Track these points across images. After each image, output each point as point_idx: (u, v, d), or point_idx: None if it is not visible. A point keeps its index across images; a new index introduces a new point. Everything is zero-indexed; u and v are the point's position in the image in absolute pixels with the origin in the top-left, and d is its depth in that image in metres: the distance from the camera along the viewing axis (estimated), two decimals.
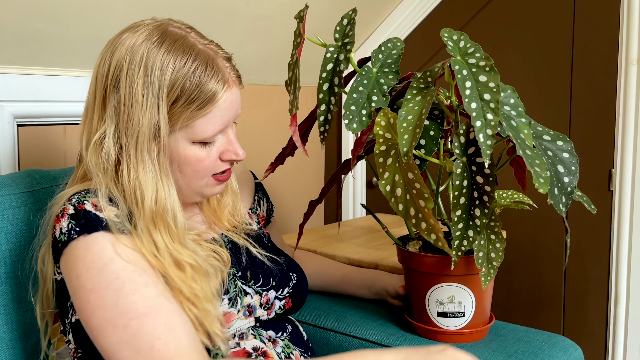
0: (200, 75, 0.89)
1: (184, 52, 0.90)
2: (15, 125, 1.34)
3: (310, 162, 2.23)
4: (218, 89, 0.91)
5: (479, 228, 0.88)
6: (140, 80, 0.88)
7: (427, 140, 0.95)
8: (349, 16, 1.00)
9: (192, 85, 0.89)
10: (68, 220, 0.88)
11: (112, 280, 0.83)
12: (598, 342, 1.84)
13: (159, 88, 0.88)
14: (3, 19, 1.21)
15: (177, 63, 0.89)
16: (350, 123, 0.95)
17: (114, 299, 0.83)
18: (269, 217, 1.25)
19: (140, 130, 0.88)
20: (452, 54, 0.88)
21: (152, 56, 0.89)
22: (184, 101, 0.89)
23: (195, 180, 0.96)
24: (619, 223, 1.76)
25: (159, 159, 0.90)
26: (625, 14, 1.71)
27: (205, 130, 0.92)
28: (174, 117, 0.90)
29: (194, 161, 0.93)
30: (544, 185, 0.82)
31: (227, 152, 0.96)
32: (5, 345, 1.02)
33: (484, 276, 0.92)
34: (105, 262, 0.84)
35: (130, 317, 0.82)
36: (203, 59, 0.91)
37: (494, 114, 0.83)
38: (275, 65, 1.93)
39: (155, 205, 0.89)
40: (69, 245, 0.87)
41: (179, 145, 0.92)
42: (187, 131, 0.91)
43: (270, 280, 1.03)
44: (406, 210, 0.88)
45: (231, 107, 0.94)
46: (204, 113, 0.90)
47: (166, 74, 0.88)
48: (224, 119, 0.93)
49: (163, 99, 0.88)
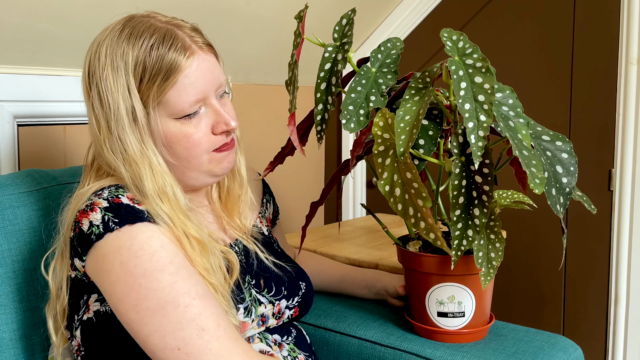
0: (159, 47, 0.90)
1: (142, 33, 0.91)
2: (15, 125, 1.34)
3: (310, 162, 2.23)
4: (179, 58, 0.90)
5: (478, 228, 0.88)
6: (109, 70, 0.90)
7: (426, 140, 0.95)
8: (348, 16, 1.00)
9: (152, 60, 0.89)
10: (102, 212, 0.87)
11: (166, 264, 0.84)
12: (598, 342, 1.84)
13: (125, 72, 0.90)
14: (3, 19, 1.21)
15: (136, 44, 0.90)
16: (348, 123, 0.95)
17: (172, 281, 0.83)
18: (275, 219, 1.25)
19: (120, 114, 0.90)
20: (450, 54, 0.88)
21: (114, 45, 0.91)
22: (148, 78, 0.89)
23: (193, 159, 0.94)
24: (619, 223, 1.76)
25: (143, 139, 0.91)
26: (625, 14, 1.71)
27: (179, 102, 0.91)
28: (144, 96, 0.90)
29: (182, 138, 0.92)
30: (540, 186, 0.82)
31: (218, 124, 0.95)
32: (6, 345, 1.02)
33: (483, 276, 0.92)
34: (155, 249, 0.85)
35: (194, 297, 0.83)
36: (161, 33, 0.91)
37: (487, 115, 0.83)
38: (275, 65, 1.93)
39: (155, 183, 0.90)
40: (106, 236, 0.86)
41: (162, 124, 0.92)
42: (164, 107, 0.91)
43: (282, 290, 1.02)
44: (405, 209, 0.88)
45: (202, 74, 0.92)
46: (172, 84, 0.90)
47: (128, 57, 0.90)
48: (198, 88, 0.92)
49: (130, 80, 0.90)
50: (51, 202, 1.08)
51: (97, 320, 0.90)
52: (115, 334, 0.88)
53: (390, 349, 1.10)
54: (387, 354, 1.10)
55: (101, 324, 0.90)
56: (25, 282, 1.04)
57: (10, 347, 1.02)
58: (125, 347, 0.88)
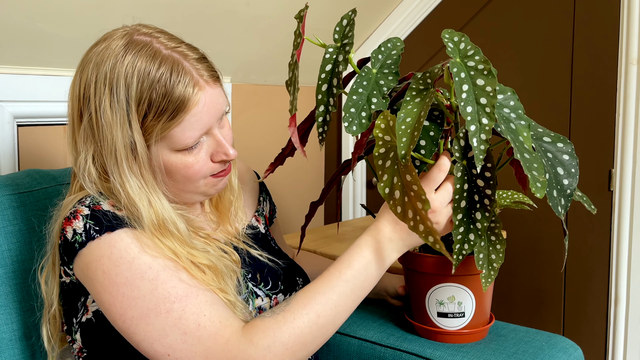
0: (166, 83, 0.86)
1: (147, 61, 0.86)
2: (15, 125, 1.34)
3: (310, 163, 2.23)
4: (188, 94, 0.87)
5: (480, 232, 0.88)
6: (106, 99, 0.86)
7: (427, 141, 0.95)
8: (349, 17, 1.00)
9: (158, 96, 0.86)
10: (84, 220, 0.87)
11: (145, 271, 0.84)
12: (598, 342, 1.84)
13: (127, 103, 0.86)
14: (3, 19, 1.21)
15: (141, 75, 0.86)
16: (350, 125, 0.95)
17: (152, 287, 0.83)
18: (272, 218, 1.25)
19: (117, 149, 0.87)
20: (451, 55, 0.88)
21: (115, 71, 0.86)
22: (153, 114, 0.86)
23: (190, 183, 0.94)
24: (619, 223, 1.76)
25: (142, 174, 0.89)
26: (625, 14, 1.71)
27: (184, 138, 0.89)
28: (147, 131, 0.88)
29: (182, 168, 0.92)
30: (541, 190, 0.82)
31: (217, 153, 0.94)
32: (5, 345, 1.02)
33: (484, 278, 0.92)
34: (133, 256, 0.85)
35: (172, 301, 0.83)
36: (168, 65, 0.87)
37: (489, 118, 0.82)
38: (275, 65, 1.93)
39: (154, 218, 0.88)
40: (88, 245, 0.86)
41: (162, 155, 0.90)
42: (166, 142, 0.89)
43: (279, 284, 1.03)
44: (404, 212, 0.88)
45: (208, 109, 0.90)
46: (178, 122, 0.87)
47: (131, 89, 0.86)
48: (203, 123, 0.90)
49: (133, 114, 0.86)
50: (51, 202, 1.08)
51: (97, 320, 0.90)
52: (116, 333, 0.88)
53: (390, 349, 1.10)
54: (387, 354, 1.10)
55: (101, 323, 0.90)
56: (25, 283, 1.04)
57: (10, 348, 1.02)
58: (127, 345, 0.88)
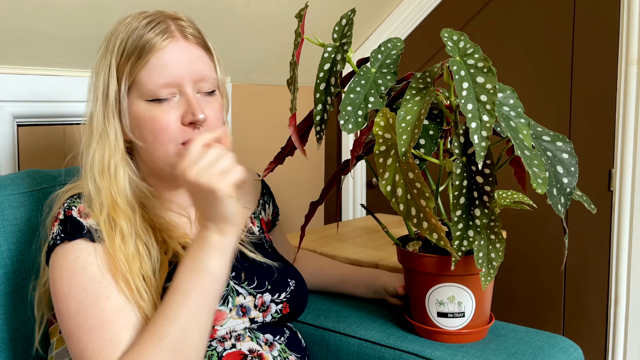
0: (140, 29, 0.92)
1: (134, 19, 0.94)
2: (15, 125, 1.34)
3: (310, 162, 2.23)
4: (155, 39, 0.92)
5: (479, 228, 0.88)
6: (102, 50, 0.95)
7: (427, 140, 0.95)
8: (348, 16, 1.00)
9: (132, 39, 0.92)
10: (58, 225, 0.90)
11: (78, 291, 0.85)
12: (598, 342, 1.84)
13: (111, 51, 0.93)
14: (3, 19, 1.21)
15: (126, 27, 0.94)
16: (346, 124, 0.95)
17: (76, 310, 0.85)
18: (274, 221, 1.25)
19: (97, 92, 0.94)
20: (451, 54, 0.88)
21: (113, 30, 0.95)
22: (125, 55, 0.92)
23: (159, 146, 0.93)
24: (619, 223, 1.76)
25: (108, 117, 0.93)
26: (625, 14, 1.71)
27: (148, 82, 0.91)
28: (120, 73, 0.92)
29: (149, 121, 0.92)
30: (542, 186, 0.82)
31: (186, 114, 0.92)
32: (5, 345, 1.02)
33: (484, 276, 0.92)
34: (76, 271, 0.86)
35: (84, 330, 0.84)
36: (151, 18, 0.94)
37: (489, 115, 0.83)
38: (275, 65, 1.93)
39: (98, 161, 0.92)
40: (54, 250, 0.89)
41: (134, 105, 0.93)
42: (136, 87, 0.92)
43: (265, 284, 1.03)
44: (407, 210, 0.88)
45: (177, 59, 0.92)
46: (143, 63, 0.91)
47: (116, 40, 0.93)
48: (169, 72, 0.91)
49: (113, 59, 0.93)
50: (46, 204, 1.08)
51: None
52: None
53: (390, 349, 1.10)
54: (387, 354, 1.10)
55: None
56: (24, 283, 1.04)
57: (10, 348, 1.02)
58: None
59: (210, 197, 0.82)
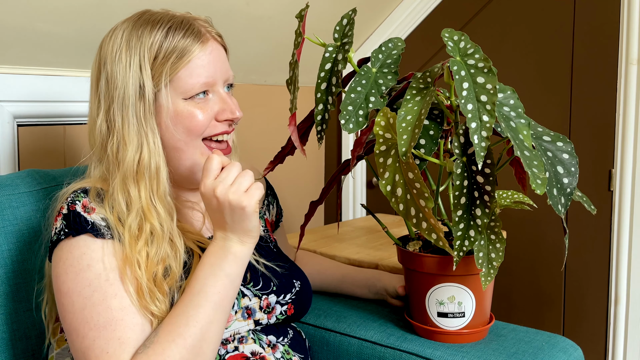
0: (175, 31, 0.94)
1: (160, 20, 0.95)
2: (15, 125, 1.34)
3: (310, 162, 2.23)
4: (194, 41, 0.94)
5: (480, 228, 0.88)
6: (123, 50, 0.93)
7: (427, 140, 0.95)
8: (349, 16, 1.00)
9: (168, 41, 0.93)
10: (61, 220, 0.90)
11: (84, 287, 0.85)
12: (598, 342, 1.84)
13: (140, 50, 0.93)
14: (3, 19, 1.21)
15: (154, 28, 0.94)
16: (347, 123, 0.95)
17: (82, 307, 0.84)
18: (278, 222, 1.25)
19: (125, 93, 0.92)
20: (451, 54, 0.88)
21: (131, 30, 0.95)
22: (162, 56, 0.93)
23: (190, 139, 0.95)
24: (619, 223, 1.76)
25: (145, 117, 0.93)
26: (625, 14, 1.71)
27: (190, 82, 0.94)
28: (157, 73, 0.93)
29: (187, 116, 0.94)
30: (541, 187, 0.82)
31: (224, 111, 0.97)
32: (5, 345, 1.02)
33: (484, 276, 0.92)
34: (82, 267, 0.86)
35: (90, 328, 0.83)
36: (178, 20, 0.96)
37: (489, 115, 0.83)
38: (275, 65, 1.93)
39: (137, 162, 0.91)
40: (58, 245, 0.89)
41: (171, 102, 0.94)
42: (174, 86, 0.93)
43: (270, 285, 1.02)
44: (407, 210, 0.88)
45: (214, 61, 0.96)
46: (184, 63, 0.93)
47: (144, 40, 0.93)
48: (208, 72, 0.95)
49: (144, 58, 0.93)
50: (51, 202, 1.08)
51: None
52: None
53: (390, 349, 1.10)
54: (387, 354, 1.10)
55: None
56: (25, 283, 1.04)
57: (10, 348, 1.02)
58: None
59: (239, 214, 0.88)
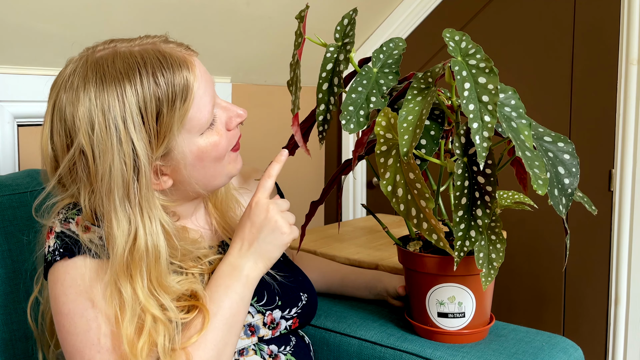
0: (163, 72, 0.83)
1: (133, 67, 0.83)
2: (15, 125, 1.34)
3: (310, 162, 2.23)
4: (185, 72, 0.85)
5: (480, 228, 0.88)
6: (100, 125, 0.81)
7: (428, 140, 0.95)
8: (350, 16, 1.00)
9: (162, 88, 0.83)
10: (54, 239, 0.86)
11: (86, 309, 0.83)
12: (598, 343, 1.84)
13: (127, 116, 0.81)
14: (3, 19, 1.21)
15: (135, 80, 0.82)
16: (348, 123, 0.95)
17: (87, 328, 0.82)
18: None
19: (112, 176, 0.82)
20: (453, 54, 0.88)
21: (102, 93, 0.82)
22: (167, 106, 0.83)
23: (219, 164, 0.92)
24: (620, 223, 1.76)
25: (142, 196, 0.83)
26: (626, 14, 1.71)
27: (202, 116, 0.87)
28: (167, 126, 0.84)
29: (211, 149, 0.89)
30: (543, 187, 0.82)
31: (230, 119, 0.92)
32: (5, 345, 1.02)
33: (484, 277, 0.92)
34: (82, 289, 0.83)
35: (98, 350, 0.82)
36: (151, 57, 0.84)
37: (491, 116, 0.82)
38: (275, 65, 1.93)
39: (130, 252, 0.83)
40: (53, 265, 0.86)
41: (189, 146, 0.87)
42: (188, 129, 0.86)
43: (276, 299, 0.99)
44: (407, 210, 0.88)
45: (205, 77, 0.89)
46: (190, 100, 0.85)
47: (128, 100, 0.81)
48: (208, 95, 0.88)
49: (135, 124, 0.81)
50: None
51: None
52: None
53: (390, 349, 1.10)
54: (387, 354, 1.10)
55: None
56: (25, 283, 1.04)
57: (10, 348, 1.02)
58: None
59: (276, 237, 0.89)
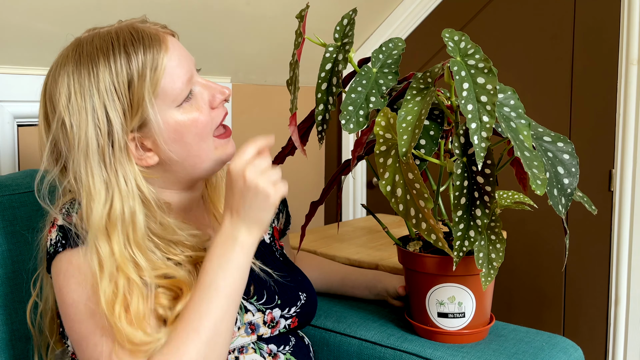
0: (134, 46, 0.87)
1: (107, 44, 0.87)
2: (15, 125, 1.34)
3: (310, 162, 2.23)
4: (158, 47, 0.88)
5: (480, 228, 0.88)
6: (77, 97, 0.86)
7: (427, 140, 0.95)
8: (349, 16, 1.00)
9: (134, 60, 0.86)
10: (57, 232, 0.88)
11: (90, 296, 0.83)
12: (598, 343, 1.84)
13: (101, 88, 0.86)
14: (3, 19, 1.21)
15: (109, 55, 0.86)
16: (347, 123, 0.95)
17: (91, 314, 0.83)
18: (285, 230, 1.23)
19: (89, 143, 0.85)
20: (452, 54, 0.88)
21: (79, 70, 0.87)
22: (138, 77, 0.86)
23: (203, 142, 0.92)
24: (620, 223, 1.76)
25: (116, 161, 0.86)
26: (626, 14, 1.71)
27: (175, 86, 0.89)
28: (138, 97, 0.86)
29: (190, 124, 0.90)
30: (541, 187, 0.82)
31: (213, 96, 0.93)
32: (5, 345, 1.02)
33: (484, 277, 0.92)
34: (84, 277, 0.84)
35: (101, 334, 0.82)
36: (125, 34, 0.88)
37: (489, 116, 0.82)
38: (275, 65, 1.93)
39: (107, 215, 0.85)
40: (56, 257, 0.87)
41: (169, 117, 0.89)
42: (162, 99, 0.88)
43: (275, 298, 0.99)
44: (406, 210, 0.88)
45: (181, 55, 0.91)
46: (161, 70, 0.87)
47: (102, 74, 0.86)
48: (184, 67, 0.90)
49: (109, 94, 0.85)
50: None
51: None
52: None
53: (390, 349, 1.10)
54: (387, 354, 1.10)
55: None
56: (25, 283, 1.04)
57: (10, 348, 1.02)
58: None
59: (261, 201, 0.85)
